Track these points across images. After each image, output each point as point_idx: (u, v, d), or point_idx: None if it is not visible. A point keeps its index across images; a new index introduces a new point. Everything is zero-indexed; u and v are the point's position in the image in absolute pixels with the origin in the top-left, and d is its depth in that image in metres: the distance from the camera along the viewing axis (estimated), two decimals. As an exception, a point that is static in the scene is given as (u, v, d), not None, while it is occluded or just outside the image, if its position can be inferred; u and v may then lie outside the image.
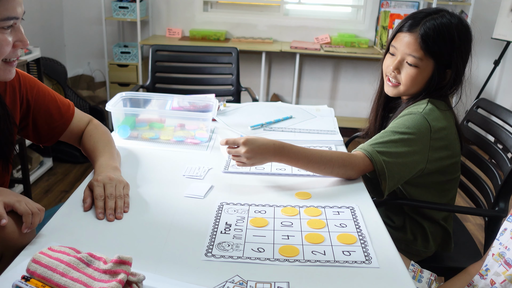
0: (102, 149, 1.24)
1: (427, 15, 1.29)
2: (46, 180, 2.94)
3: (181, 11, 3.96)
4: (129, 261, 0.77)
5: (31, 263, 0.76)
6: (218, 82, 2.70)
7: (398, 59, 1.33)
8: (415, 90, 1.35)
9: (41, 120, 1.24)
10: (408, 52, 1.30)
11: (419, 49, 1.28)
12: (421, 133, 1.24)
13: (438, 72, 1.30)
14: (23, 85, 1.18)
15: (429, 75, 1.31)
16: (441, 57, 1.28)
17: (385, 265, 0.89)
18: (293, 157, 1.21)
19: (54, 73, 3.31)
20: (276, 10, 4.01)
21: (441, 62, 1.29)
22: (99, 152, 1.23)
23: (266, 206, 1.12)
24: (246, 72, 3.90)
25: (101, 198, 1.04)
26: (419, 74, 1.31)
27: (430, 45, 1.26)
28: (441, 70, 1.31)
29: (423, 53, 1.28)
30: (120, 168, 1.21)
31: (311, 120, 1.78)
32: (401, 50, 1.32)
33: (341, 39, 3.85)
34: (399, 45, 1.32)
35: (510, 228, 1.01)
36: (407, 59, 1.31)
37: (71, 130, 1.30)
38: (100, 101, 3.82)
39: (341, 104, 4.16)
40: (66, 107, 1.29)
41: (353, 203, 1.14)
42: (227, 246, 0.94)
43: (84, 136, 1.30)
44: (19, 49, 1.02)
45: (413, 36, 1.28)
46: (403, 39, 1.31)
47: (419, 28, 1.27)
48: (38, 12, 3.51)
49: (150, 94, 1.74)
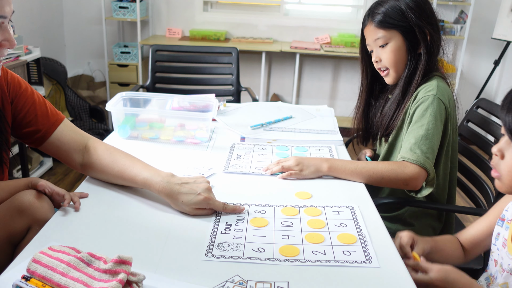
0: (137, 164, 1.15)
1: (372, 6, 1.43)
2: (46, 180, 2.94)
3: (181, 11, 3.96)
4: (129, 261, 0.77)
5: (31, 262, 0.76)
6: (218, 82, 2.70)
7: (373, 50, 1.43)
8: (402, 64, 1.40)
9: (26, 119, 1.16)
10: (374, 38, 1.40)
11: (378, 29, 1.39)
12: (441, 115, 1.33)
13: (407, 38, 1.37)
14: (10, 83, 1.15)
15: (403, 45, 1.38)
16: (400, 23, 1.36)
17: (385, 265, 0.89)
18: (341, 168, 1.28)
19: (54, 73, 3.31)
20: (276, 10, 4.01)
21: (404, 28, 1.36)
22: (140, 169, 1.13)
23: (266, 206, 1.12)
24: (246, 72, 3.90)
25: (224, 206, 1.07)
26: (394, 49, 1.38)
27: (383, 20, 1.37)
28: (410, 35, 1.37)
29: (383, 30, 1.38)
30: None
31: (311, 120, 1.78)
32: (370, 41, 1.43)
33: (341, 39, 3.84)
34: (368, 39, 1.44)
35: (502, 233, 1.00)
36: (378, 44, 1.40)
37: (60, 138, 1.19)
38: (100, 101, 3.82)
39: (341, 104, 4.16)
40: (55, 113, 1.21)
41: (353, 203, 1.14)
42: (227, 246, 0.94)
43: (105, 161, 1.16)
44: (5, 48, 1.00)
45: (370, 25, 1.41)
46: (367, 33, 1.43)
47: (370, 15, 1.41)
48: (38, 12, 3.51)
49: (150, 94, 1.74)
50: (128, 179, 1.13)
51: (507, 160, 0.84)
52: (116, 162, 1.15)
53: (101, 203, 1.10)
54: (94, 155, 1.18)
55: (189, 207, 1.04)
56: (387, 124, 1.45)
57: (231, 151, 1.46)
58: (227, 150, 1.46)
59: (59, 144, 1.19)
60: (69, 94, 3.41)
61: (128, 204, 1.10)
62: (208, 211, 1.06)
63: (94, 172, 1.19)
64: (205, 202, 1.04)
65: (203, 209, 1.05)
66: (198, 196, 1.04)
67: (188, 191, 1.05)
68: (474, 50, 3.87)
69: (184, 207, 1.05)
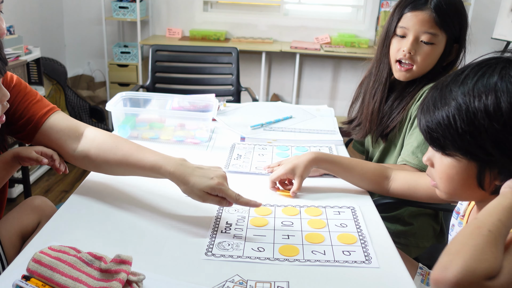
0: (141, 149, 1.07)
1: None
2: (46, 180, 2.94)
3: (181, 11, 3.96)
4: (129, 260, 0.77)
5: (31, 262, 0.76)
6: (218, 82, 2.70)
7: (411, 39, 1.28)
8: (428, 69, 1.32)
9: (18, 112, 1.11)
10: (423, 29, 1.25)
11: (434, 25, 1.24)
12: None
13: (447, 48, 1.29)
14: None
15: (441, 52, 1.29)
16: (453, 31, 1.27)
17: (385, 265, 0.89)
18: (331, 161, 1.20)
19: (54, 73, 3.31)
20: (276, 10, 4.01)
21: (452, 36, 1.28)
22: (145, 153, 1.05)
23: (266, 205, 1.12)
24: (246, 72, 3.90)
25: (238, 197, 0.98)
26: (435, 51, 1.28)
27: (445, 19, 1.24)
28: (450, 45, 1.29)
29: (438, 28, 1.25)
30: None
31: (311, 120, 1.78)
32: (414, 29, 1.27)
33: (341, 39, 3.84)
34: (410, 24, 1.27)
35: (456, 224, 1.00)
36: (422, 37, 1.27)
37: (53, 126, 1.11)
38: (100, 101, 3.82)
39: (341, 104, 4.15)
40: (48, 103, 1.15)
41: (353, 203, 1.14)
42: (227, 245, 0.94)
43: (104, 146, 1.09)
44: None
45: (426, 12, 1.25)
46: (415, 18, 1.26)
47: (430, 3, 1.25)
48: (38, 12, 3.51)
49: (150, 94, 1.74)
50: (133, 164, 1.05)
51: (436, 167, 0.84)
52: (120, 146, 1.08)
53: (101, 203, 1.09)
54: (94, 141, 1.10)
55: (201, 191, 0.96)
56: (385, 123, 1.39)
57: (231, 151, 1.46)
58: (227, 150, 1.46)
59: (52, 132, 1.11)
60: (69, 94, 3.41)
61: (128, 204, 1.10)
62: (219, 200, 0.98)
63: (91, 161, 1.10)
64: (218, 188, 0.96)
65: (214, 196, 0.97)
66: (211, 180, 0.96)
67: (201, 174, 0.98)
68: (474, 50, 3.86)
69: (195, 191, 0.97)
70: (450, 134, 0.76)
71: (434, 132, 0.78)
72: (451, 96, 0.76)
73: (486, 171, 0.77)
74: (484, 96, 0.72)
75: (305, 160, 1.18)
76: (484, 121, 0.72)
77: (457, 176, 0.80)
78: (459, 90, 0.75)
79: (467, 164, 0.78)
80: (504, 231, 0.71)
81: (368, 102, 1.45)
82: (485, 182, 0.78)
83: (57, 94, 3.37)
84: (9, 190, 2.56)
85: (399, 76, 1.34)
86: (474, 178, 0.78)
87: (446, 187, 0.84)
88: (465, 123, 0.74)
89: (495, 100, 0.71)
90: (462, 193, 0.83)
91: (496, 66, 0.75)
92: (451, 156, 0.79)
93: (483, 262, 0.66)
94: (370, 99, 1.44)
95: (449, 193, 0.84)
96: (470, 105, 0.73)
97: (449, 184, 0.82)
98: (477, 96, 0.73)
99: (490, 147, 0.73)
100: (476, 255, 0.68)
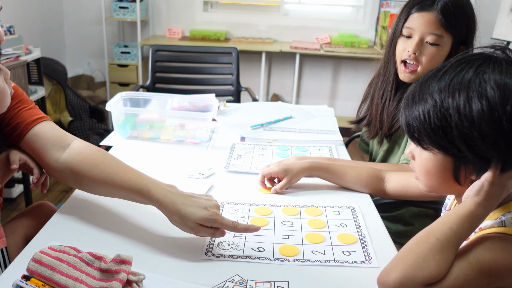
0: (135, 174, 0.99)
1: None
2: (46, 180, 2.94)
3: (181, 11, 3.96)
4: (129, 260, 0.77)
5: (31, 262, 0.76)
6: (218, 82, 2.70)
7: (416, 39, 1.28)
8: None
9: (8, 117, 1.05)
10: (429, 30, 1.25)
11: (440, 26, 1.24)
12: None
13: (454, 48, 1.28)
14: None
15: (446, 54, 1.29)
16: (460, 33, 1.26)
17: (385, 265, 0.89)
18: (325, 169, 1.21)
19: (54, 73, 3.31)
20: (276, 10, 4.01)
21: (458, 38, 1.27)
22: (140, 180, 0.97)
23: (266, 205, 1.12)
24: (246, 72, 3.90)
25: (235, 224, 0.92)
26: (440, 53, 1.28)
27: (451, 21, 1.24)
28: (456, 47, 1.28)
29: (444, 30, 1.25)
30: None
31: (311, 120, 1.78)
32: (420, 30, 1.27)
33: (341, 39, 3.85)
34: (416, 25, 1.27)
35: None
36: (427, 38, 1.26)
37: (39, 134, 1.05)
38: (100, 101, 3.82)
39: (341, 104, 4.16)
40: (39, 112, 1.09)
41: (353, 203, 1.14)
42: (227, 245, 0.94)
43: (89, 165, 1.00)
44: None
45: (432, 14, 1.25)
46: (421, 18, 1.26)
47: (436, 4, 1.25)
48: (38, 12, 3.51)
49: (150, 94, 1.74)
50: (119, 184, 0.97)
51: (417, 160, 0.85)
52: (108, 164, 0.99)
53: (101, 203, 1.09)
54: (79, 154, 1.02)
55: (193, 223, 0.89)
56: (390, 123, 1.39)
57: (231, 151, 1.46)
58: (227, 150, 1.46)
59: (36, 140, 1.03)
60: (69, 94, 3.41)
61: (128, 204, 1.09)
62: (213, 232, 0.91)
63: (73, 174, 1.01)
64: (213, 219, 0.89)
65: (208, 227, 0.90)
66: (204, 210, 0.89)
67: (193, 203, 0.91)
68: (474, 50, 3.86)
69: (187, 222, 0.89)
70: (424, 129, 0.77)
71: (411, 126, 0.80)
72: (428, 92, 0.77)
73: (461, 166, 0.77)
74: (457, 93, 0.73)
75: (299, 167, 1.20)
76: (455, 117, 0.73)
77: (434, 170, 0.81)
78: (437, 86, 0.76)
79: (443, 158, 0.79)
80: (454, 239, 0.74)
81: (377, 103, 1.45)
82: (461, 177, 0.79)
83: (57, 94, 3.37)
84: (9, 190, 2.57)
85: (404, 77, 1.34)
86: (451, 172, 0.79)
87: (424, 180, 0.85)
88: (438, 119, 0.75)
89: (466, 97, 0.72)
90: (440, 186, 0.84)
91: (474, 63, 0.75)
92: (428, 150, 0.80)
93: (423, 270, 0.70)
94: (378, 100, 1.45)
95: (428, 186, 0.85)
96: (443, 101, 0.74)
97: (427, 177, 0.84)
98: (451, 93, 0.74)
99: (459, 143, 0.74)
100: (417, 262, 0.71)
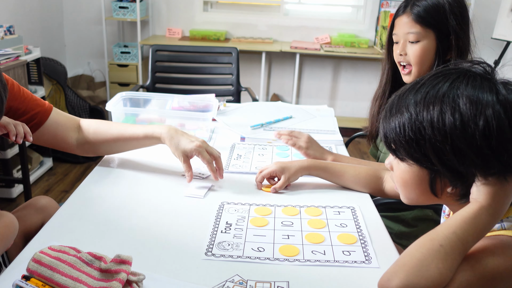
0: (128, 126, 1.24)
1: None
2: (46, 180, 2.94)
3: (181, 11, 3.96)
4: (129, 260, 0.77)
5: (31, 262, 0.76)
6: (218, 82, 2.70)
7: (401, 42, 1.35)
8: (427, 66, 1.35)
9: (20, 110, 1.16)
10: (406, 31, 1.33)
11: (415, 24, 1.31)
12: None
13: (441, 41, 1.31)
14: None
15: (434, 47, 1.32)
16: (439, 25, 1.30)
17: (385, 265, 0.89)
18: (323, 168, 1.23)
19: (54, 73, 3.31)
20: (276, 10, 4.01)
21: (441, 31, 1.30)
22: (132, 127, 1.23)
23: (266, 205, 1.12)
24: (246, 72, 3.90)
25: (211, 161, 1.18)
26: (424, 48, 1.32)
27: (423, 16, 1.30)
28: (444, 39, 1.31)
29: (420, 26, 1.30)
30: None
31: (311, 120, 1.78)
32: (401, 33, 1.35)
33: (341, 39, 3.85)
34: (398, 30, 1.36)
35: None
36: (409, 39, 1.33)
37: (57, 120, 1.21)
38: (100, 101, 3.82)
39: (341, 104, 4.16)
40: (44, 101, 1.22)
41: (353, 203, 1.14)
42: (227, 245, 0.94)
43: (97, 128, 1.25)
44: None
45: (407, 15, 1.33)
46: (400, 22, 1.35)
47: (409, 6, 1.32)
48: (38, 12, 3.51)
49: (150, 94, 1.74)
50: (128, 137, 1.23)
51: (395, 171, 0.85)
52: (113, 126, 1.25)
53: (101, 203, 1.10)
54: (90, 128, 1.25)
55: (181, 152, 1.17)
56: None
57: (231, 151, 1.46)
58: (227, 150, 1.46)
59: (57, 126, 1.22)
60: (69, 94, 3.41)
61: (128, 204, 1.10)
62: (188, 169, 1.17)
63: (91, 145, 1.25)
64: (196, 150, 1.16)
65: (187, 164, 1.17)
66: (191, 143, 1.16)
67: (187, 137, 1.18)
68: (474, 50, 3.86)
69: (178, 151, 1.17)
70: (400, 141, 0.77)
71: (388, 137, 0.80)
72: (405, 104, 0.77)
73: (436, 178, 0.78)
74: (431, 107, 0.74)
75: (297, 166, 1.21)
76: (428, 131, 0.73)
77: (411, 181, 0.81)
78: (413, 99, 0.76)
79: (419, 170, 0.79)
80: (459, 244, 0.72)
81: (374, 106, 1.50)
82: (437, 189, 0.79)
83: (57, 94, 3.37)
84: (9, 190, 2.57)
85: (405, 80, 1.40)
86: (427, 184, 0.79)
87: (403, 191, 0.85)
88: (413, 132, 0.75)
89: (440, 111, 0.72)
90: (418, 198, 0.84)
91: (450, 77, 0.75)
92: (404, 162, 0.80)
93: (425, 279, 0.69)
94: (376, 103, 1.50)
95: (407, 197, 0.85)
96: (418, 114, 0.75)
97: (405, 189, 0.84)
98: (425, 106, 0.74)
99: (432, 157, 0.74)
100: (419, 271, 0.70)
